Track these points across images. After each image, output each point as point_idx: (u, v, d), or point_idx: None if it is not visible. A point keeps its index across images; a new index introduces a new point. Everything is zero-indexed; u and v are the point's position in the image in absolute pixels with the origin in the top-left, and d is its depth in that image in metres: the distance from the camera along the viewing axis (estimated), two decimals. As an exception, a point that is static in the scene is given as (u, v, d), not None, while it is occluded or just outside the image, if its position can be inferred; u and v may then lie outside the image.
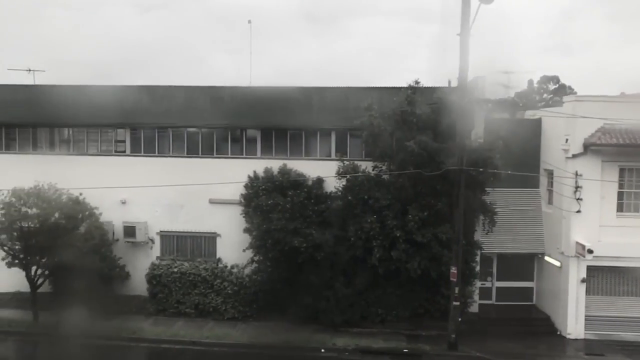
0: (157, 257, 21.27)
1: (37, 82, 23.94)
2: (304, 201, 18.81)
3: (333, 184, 19.48)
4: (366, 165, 19.06)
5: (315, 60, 57.09)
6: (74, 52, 52.01)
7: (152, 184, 19.98)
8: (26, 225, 17.60)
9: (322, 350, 16.81)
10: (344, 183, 18.99)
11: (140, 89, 21.37)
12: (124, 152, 21.66)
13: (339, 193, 19.07)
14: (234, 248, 20.78)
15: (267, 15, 64.47)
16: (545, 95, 42.25)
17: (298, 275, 18.49)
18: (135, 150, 21.60)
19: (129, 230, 20.70)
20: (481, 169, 16.61)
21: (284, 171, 20.19)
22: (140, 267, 21.12)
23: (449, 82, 19.54)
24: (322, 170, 19.83)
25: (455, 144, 16.55)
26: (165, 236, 21.36)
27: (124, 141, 21.76)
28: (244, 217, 20.07)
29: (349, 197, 18.56)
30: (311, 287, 18.44)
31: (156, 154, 21.46)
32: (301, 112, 20.49)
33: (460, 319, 17.11)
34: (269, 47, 59.96)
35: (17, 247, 17.80)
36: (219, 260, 20.51)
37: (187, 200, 20.88)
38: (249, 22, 34.04)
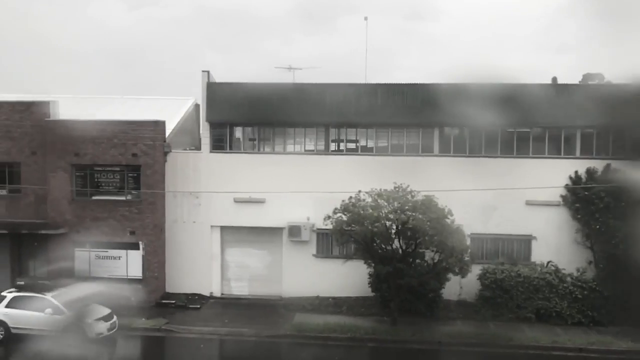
0: (465, 260, 20.74)
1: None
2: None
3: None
4: None
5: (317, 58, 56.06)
6: (64, 49, 50.94)
7: (463, 184, 19.47)
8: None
9: None
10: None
11: (453, 87, 20.70)
12: (432, 152, 21.07)
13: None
14: (550, 251, 20.34)
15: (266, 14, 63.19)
16: None
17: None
18: (444, 150, 21.00)
19: (448, 233, 20.08)
20: None
21: (607, 172, 19.71)
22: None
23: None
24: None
25: None
26: (475, 239, 20.74)
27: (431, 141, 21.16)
28: (578, 219, 19.62)
29: None
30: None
31: (466, 154, 20.87)
32: (628, 110, 19.89)
33: None
34: (263, 45, 58.69)
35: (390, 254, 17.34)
36: (550, 263, 19.90)
37: (501, 202, 20.31)
38: (365, 18, 31.83)
